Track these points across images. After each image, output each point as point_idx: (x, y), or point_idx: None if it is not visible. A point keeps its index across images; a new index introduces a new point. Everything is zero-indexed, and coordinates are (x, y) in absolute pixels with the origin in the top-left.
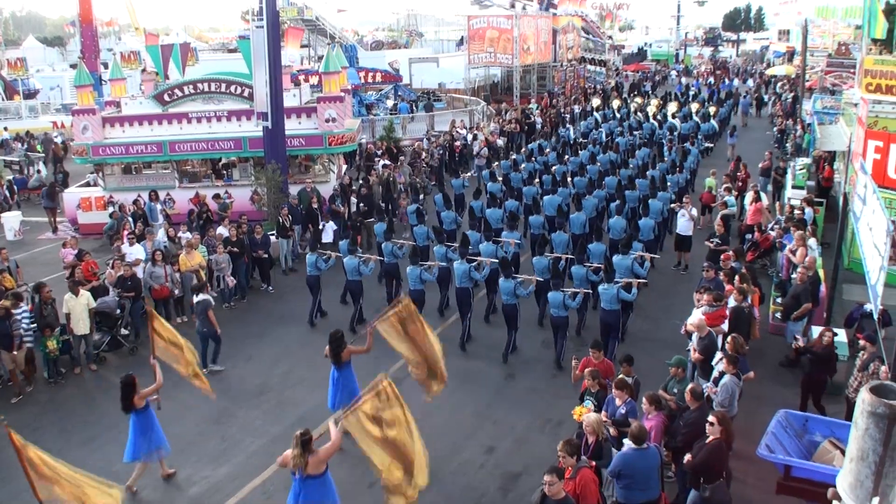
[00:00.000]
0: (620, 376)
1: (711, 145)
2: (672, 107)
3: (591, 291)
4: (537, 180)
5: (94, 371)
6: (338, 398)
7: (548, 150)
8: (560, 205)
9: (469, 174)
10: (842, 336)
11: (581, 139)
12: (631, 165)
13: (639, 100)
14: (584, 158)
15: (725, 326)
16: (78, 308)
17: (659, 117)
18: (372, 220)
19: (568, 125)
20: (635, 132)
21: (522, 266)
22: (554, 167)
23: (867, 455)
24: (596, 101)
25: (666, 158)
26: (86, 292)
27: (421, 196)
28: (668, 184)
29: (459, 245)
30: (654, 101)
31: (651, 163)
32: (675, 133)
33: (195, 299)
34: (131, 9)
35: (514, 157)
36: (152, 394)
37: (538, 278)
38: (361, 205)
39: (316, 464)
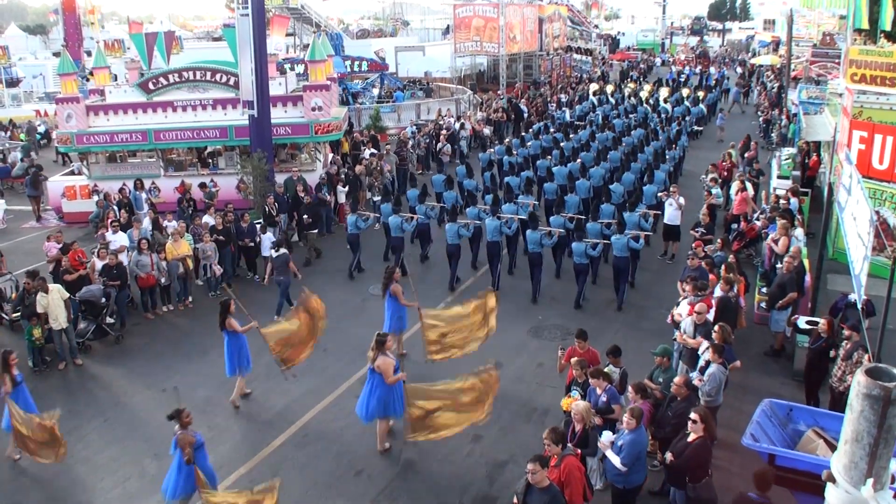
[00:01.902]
0: (597, 367)
1: (701, 129)
2: (663, 92)
3: (608, 242)
4: (549, 156)
5: (79, 365)
6: (391, 324)
7: (552, 130)
8: (571, 171)
9: (493, 149)
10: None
11: (577, 122)
12: (624, 143)
13: (632, 85)
14: (585, 137)
15: (710, 315)
16: (52, 304)
17: (651, 101)
18: (315, 231)
19: (564, 108)
20: (630, 115)
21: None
22: (562, 143)
23: (862, 437)
24: (594, 87)
25: (660, 138)
26: (55, 286)
27: (378, 198)
28: (667, 157)
29: (492, 204)
30: (647, 87)
31: (645, 140)
32: (665, 116)
33: (274, 254)
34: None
35: (522, 134)
36: (247, 330)
37: (561, 230)
38: (305, 216)
39: (379, 365)
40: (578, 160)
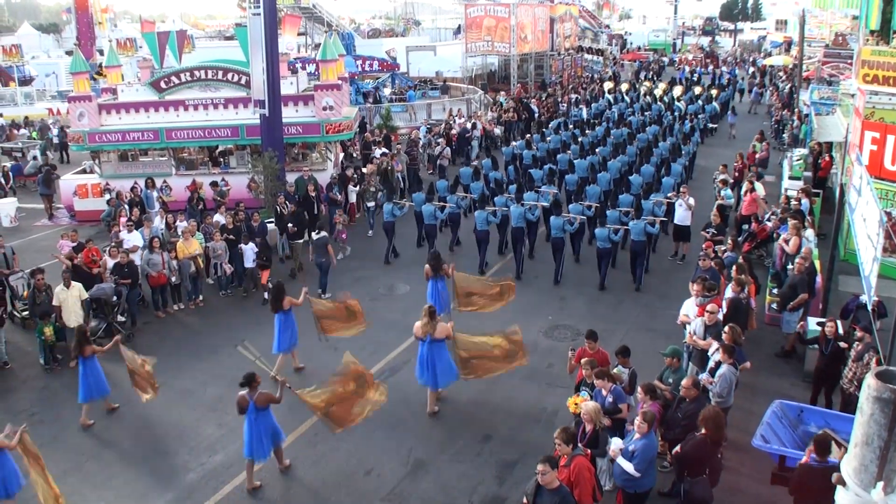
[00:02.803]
0: (599, 367)
1: (715, 126)
2: (677, 90)
3: (628, 228)
4: (568, 150)
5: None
6: (440, 303)
7: (571, 126)
8: (593, 163)
9: (516, 143)
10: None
11: (593, 119)
12: (639, 139)
13: (647, 84)
14: (601, 133)
15: (720, 316)
16: (70, 300)
17: (665, 100)
18: (301, 240)
19: (581, 106)
20: (645, 113)
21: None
22: (580, 139)
23: (872, 440)
24: (609, 85)
25: (674, 133)
26: (77, 284)
27: (372, 204)
28: (682, 151)
29: (516, 192)
30: (661, 85)
31: (662, 136)
32: (678, 114)
33: (315, 236)
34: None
35: (543, 130)
36: (295, 303)
37: (582, 217)
38: (290, 225)
39: (440, 332)
40: (597, 153)
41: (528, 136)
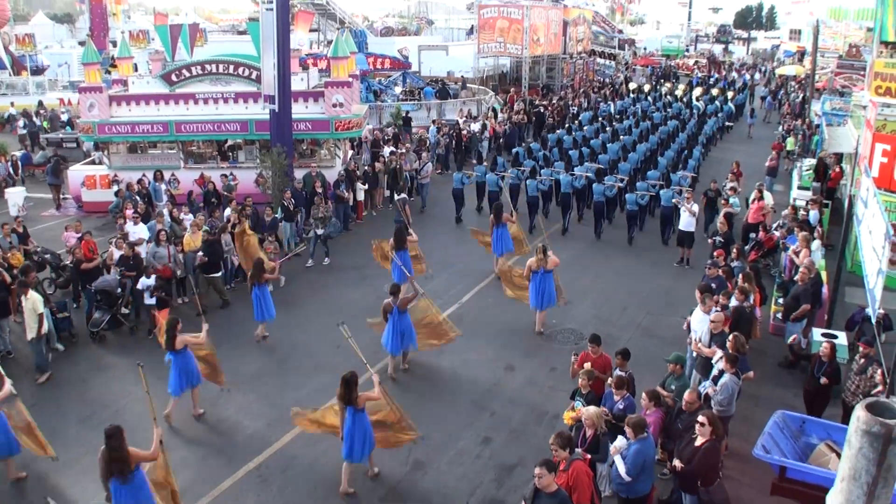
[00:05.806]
0: (618, 374)
1: (731, 124)
2: (697, 91)
3: (654, 195)
4: (599, 137)
5: (41, 384)
6: (500, 248)
7: (600, 118)
8: (625, 145)
9: (559, 132)
10: (842, 339)
11: (617, 114)
12: (660, 131)
13: (668, 85)
14: (629, 124)
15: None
16: (25, 312)
17: (685, 100)
18: (217, 275)
19: (609, 102)
20: (667, 109)
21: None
22: (608, 128)
23: (860, 475)
24: (633, 85)
25: (687, 127)
26: (35, 295)
27: (321, 231)
28: (699, 141)
29: (564, 164)
30: (682, 86)
31: (681, 128)
32: (697, 112)
33: (396, 197)
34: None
35: (578, 120)
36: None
37: (619, 184)
38: (200, 254)
39: (551, 264)
40: (622, 139)
41: (568, 125)
